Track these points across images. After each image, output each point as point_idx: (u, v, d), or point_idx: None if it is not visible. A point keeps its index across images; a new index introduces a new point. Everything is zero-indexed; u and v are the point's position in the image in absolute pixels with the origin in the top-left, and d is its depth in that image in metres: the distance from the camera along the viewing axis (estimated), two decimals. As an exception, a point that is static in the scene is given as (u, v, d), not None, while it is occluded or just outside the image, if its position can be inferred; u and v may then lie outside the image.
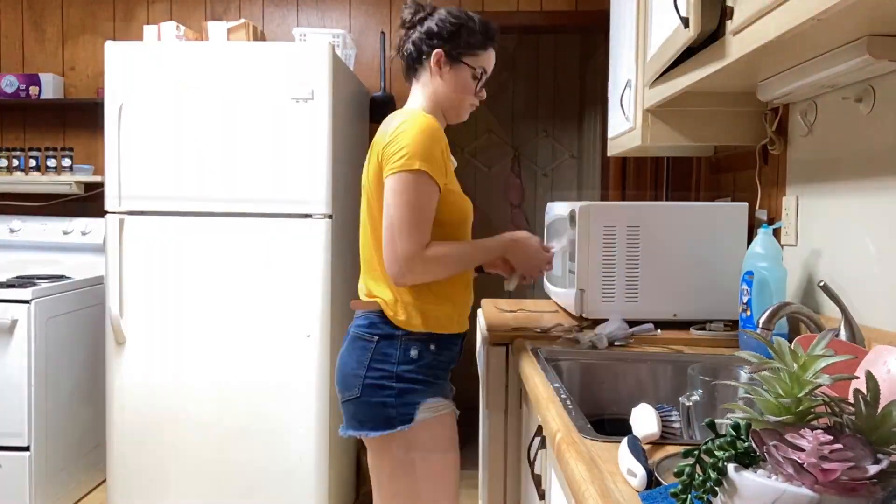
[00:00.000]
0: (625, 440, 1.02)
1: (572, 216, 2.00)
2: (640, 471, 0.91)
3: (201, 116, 2.71)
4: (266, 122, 2.69)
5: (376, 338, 1.64)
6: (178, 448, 2.76)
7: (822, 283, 1.37)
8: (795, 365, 0.67)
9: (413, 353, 1.63)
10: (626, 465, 0.95)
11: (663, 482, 0.91)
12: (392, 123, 1.64)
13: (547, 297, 2.48)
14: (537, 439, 1.46)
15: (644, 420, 1.20)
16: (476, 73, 1.74)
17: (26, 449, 2.86)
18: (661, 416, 1.22)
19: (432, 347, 1.66)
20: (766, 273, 1.66)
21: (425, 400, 1.63)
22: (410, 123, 1.60)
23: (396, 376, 1.62)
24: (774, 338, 0.71)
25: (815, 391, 0.66)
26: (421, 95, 1.74)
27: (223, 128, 2.71)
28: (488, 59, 1.77)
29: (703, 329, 1.95)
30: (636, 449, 0.97)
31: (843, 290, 1.59)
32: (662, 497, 0.87)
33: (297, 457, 2.72)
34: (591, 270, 1.97)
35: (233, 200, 2.71)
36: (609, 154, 2.48)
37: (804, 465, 0.59)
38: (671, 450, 1.07)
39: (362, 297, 1.73)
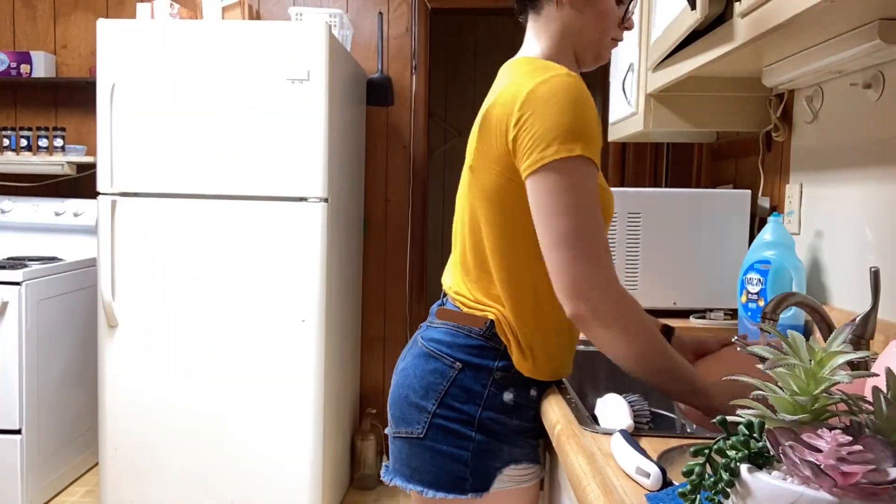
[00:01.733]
0: (617, 435, 0.99)
1: (572, 202, 1.97)
2: (654, 469, 0.88)
3: (195, 97, 2.67)
4: (261, 102, 2.65)
5: (459, 364, 1.21)
6: (170, 432, 2.74)
7: (874, 269, 1.26)
8: (812, 361, 0.64)
9: (507, 396, 1.20)
10: (632, 463, 0.91)
11: (674, 481, 0.88)
12: (517, 85, 1.15)
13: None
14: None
15: (614, 412, 1.16)
16: None
17: (18, 432, 2.84)
18: (630, 406, 1.18)
19: (533, 393, 1.23)
20: (785, 263, 1.63)
21: (510, 464, 1.21)
22: (552, 87, 1.11)
23: (479, 424, 1.19)
24: (789, 332, 0.68)
25: (832, 389, 0.63)
26: (543, 36, 1.27)
27: (217, 108, 2.66)
28: None
29: (704, 318, 1.93)
30: (635, 444, 0.94)
31: (848, 280, 1.57)
32: (670, 498, 0.84)
33: (291, 441, 2.70)
34: (591, 257, 1.94)
35: (227, 182, 2.68)
36: (610, 139, 2.45)
37: (822, 467, 0.56)
38: (663, 444, 1.05)
39: (454, 302, 1.28)
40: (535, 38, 1.28)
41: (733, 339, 1.38)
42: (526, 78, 1.15)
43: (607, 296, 1.08)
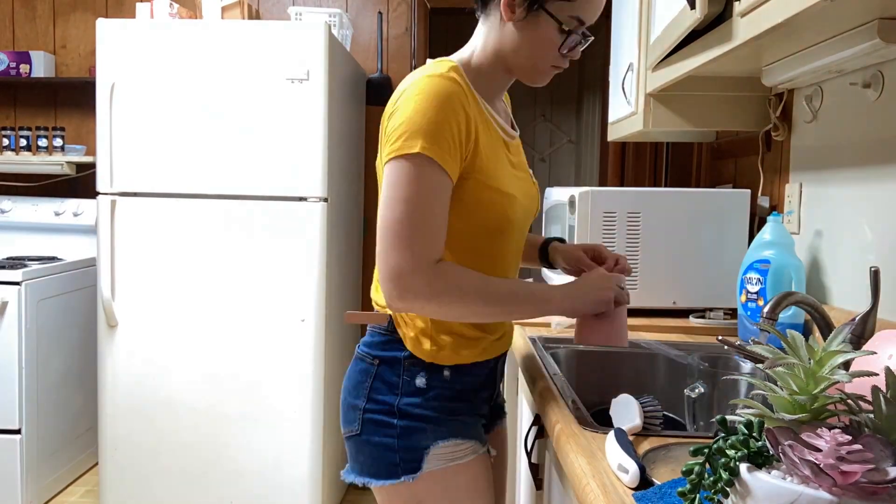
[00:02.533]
0: (611, 433, 0.99)
1: (572, 201, 1.97)
2: (632, 466, 0.88)
3: (195, 96, 2.67)
4: (261, 102, 2.65)
5: (377, 360, 1.28)
6: (170, 432, 2.74)
7: (874, 269, 1.25)
8: (811, 360, 0.64)
9: (419, 381, 1.26)
10: (615, 460, 0.92)
11: (655, 480, 0.88)
12: (401, 85, 1.22)
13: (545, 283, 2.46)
14: (535, 429, 1.44)
15: (626, 412, 1.17)
16: (564, 27, 1.21)
17: (17, 432, 2.84)
18: (643, 407, 1.19)
19: (446, 374, 1.27)
20: (784, 262, 1.63)
21: (436, 443, 1.25)
22: (418, 88, 1.16)
23: (398, 411, 1.25)
24: (788, 331, 0.68)
25: (831, 388, 0.63)
26: (481, 39, 1.28)
27: (217, 108, 2.66)
28: (587, 6, 1.22)
29: (703, 317, 1.93)
30: (624, 443, 0.95)
31: (847, 279, 1.57)
32: (658, 497, 0.84)
33: (290, 441, 2.70)
34: (591, 257, 1.94)
35: (226, 182, 2.67)
36: (609, 139, 2.45)
37: (821, 467, 0.56)
38: (656, 441, 1.05)
39: (373, 303, 1.35)
40: (475, 40, 1.30)
41: (717, 338, 1.38)
42: (411, 77, 1.21)
43: (416, 278, 1.13)
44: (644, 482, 0.87)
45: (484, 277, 1.19)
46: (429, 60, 1.31)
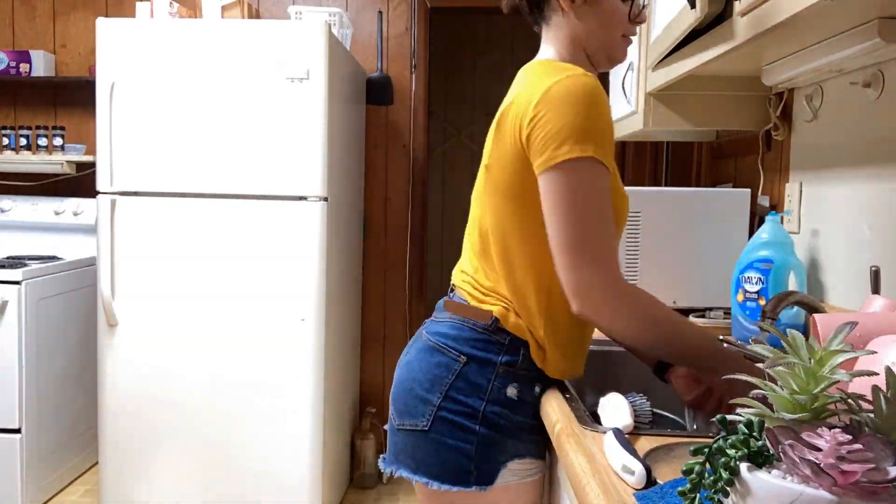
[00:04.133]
0: (610, 433, 0.99)
1: (572, 201, 1.97)
2: (638, 467, 0.88)
3: (195, 95, 2.67)
4: (261, 101, 2.65)
5: (464, 358, 1.21)
6: (170, 431, 2.74)
7: (875, 268, 1.26)
8: (811, 359, 0.64)
9: (511, 391, 1.20)
10: (619, 461, 0.92)
11: (659, 480, 0.88)
12: (535, 84, 1.15)
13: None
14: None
15: (615, 411, 1.17)
16: None
17: (17, 431, 2.84)
18: (632, 406, 1.19)
19: (537, 389, 1.24)
20: (783, 262, 1.63)
21: (514, 458, 1.21)
22: (567, 87, 1.11)
23: (483, 418, 1.19)
24: (789, 330, 0.68)
25: (832, 387, 0.63)
26: (554, 42, 1.27)
27: (217, 107, 2.66)
28: None
29: (703, 317, 1.93)
30: (625, 443, 0.95)
31: (847, 278, 1.57)
32: (658, 497, 0.84)
33: (290, 440, 2.70)
34: (591, 256, 1.94)
35: (226, 181, 2.67)
36: (609, 138, 2.44)
37: (822, 466, 0.56)
38: (657, 441, 1.05)
39: (461, 294, 1.29)
40: (548, 45, 1.29)
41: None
42: (542, 78, 1.15)
43: (608, 296, 1.11)
44: (649, 482, 0.87)
45: (658, 302, 1.16)
46: (533, 66, 1.26)
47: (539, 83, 1.15)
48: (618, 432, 0.98)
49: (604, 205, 1.11)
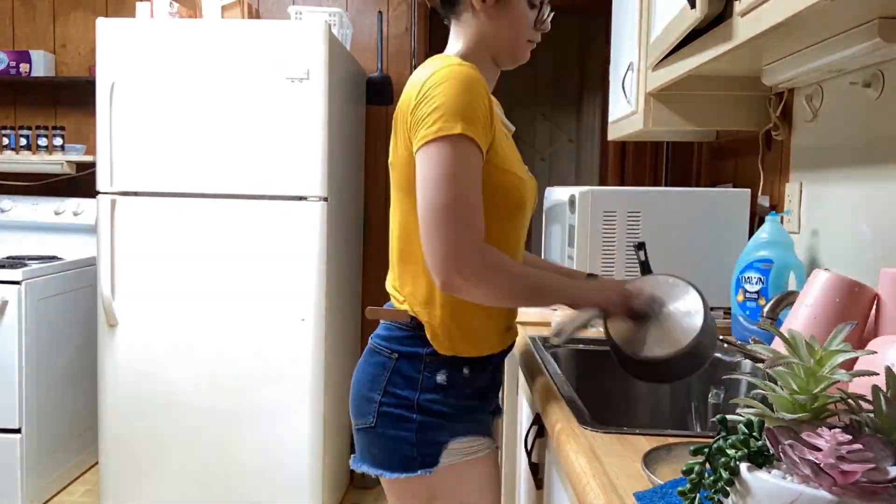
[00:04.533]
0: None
1: (572, 201, 1.97)
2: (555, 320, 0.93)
3: (195, 96, 2.67)
4: (260, 101, 2.65)
5: (396, 355, 1.30)
6: (170, 431, 2.74)
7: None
8: (811, 359, 0.64)
9: (440, 377, 1.28)
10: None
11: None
12: (418, 77, 1.23)
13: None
14: (535, 428, 1.44)
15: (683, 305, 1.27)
16: (533, 2, 1.31)
17: (17, 431, 2.84)
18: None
19: (465, 371, 1.30)
20: (785, 262, 1.63)
21: (454, 438, 1.29)
22: (443, 75, 1.19)
23: (418, 406, 1.27)
24: (789, 330, 0.68)
25: (832, 387, 0.63)
26: (461, 39, 1.33)
27: (217, 107, 2.66)
28: None
29: (703, 317, 1.93)
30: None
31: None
32: (658, 497, 0.84)
33: (290, 440, 2.70)
34: (591, 256, 1.94)
35: (226, 182, 2.67)
36: (609, 138, 2.45)
37: (821, 466, 0.56)
38: (657, 441, 1.05)
39: (391, 300, 1.36)
40: (455, 41, 1.35)
41: (719, 338, 1.42)
42: (426, 69, 1.24)
43: (471, 259, 1.15)
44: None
45: (520, 265, 1.25)
46: (423, 64, 1.33)
47: (423, 73, 1.23)
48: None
49: (467, 176, 1.16)
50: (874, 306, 1.01)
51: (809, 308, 1.03)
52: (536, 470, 1.45)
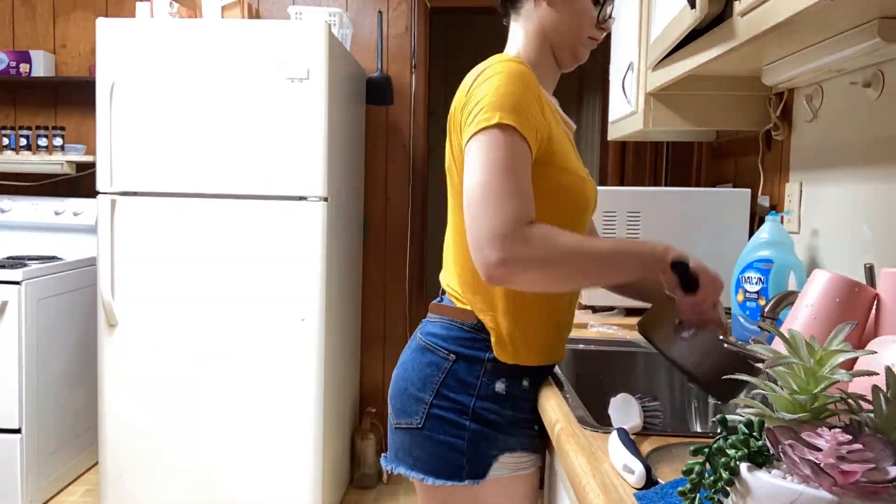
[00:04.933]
0: (614, 434, 0.99)
1: (572, 201, 1.97)
2: (638, 466, 0.88)
3: (195, 95, 2.67)
4: (261, 101, 2.65)
5: (453, 356, 1.25)
6: (170, 430, 2.74)
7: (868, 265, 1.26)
8: (812, 359, 0.64)
9: (499, 386, 1.24)
10: (620, 461, 0.92)
11: (659, 480, 0.88)
12: (469, 77, 1.22)
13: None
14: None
15: (626, 411, 1.17)
16: None
17: (17, 431, 2.84)
18: (642, 407, 1.19)
19: (525, 383, 1.27)
20: (785, 262, 1.63)
21: (505, 452, 1.24)
22: (490, 71, 1.17)
23: (473, 414, 1.22)
24: (789, 330, 0.68)
25: (832, 387, 0.63)
26: (521, 35, 1.31)
27: (217, 107, 2.66)
28: None
29: (703, 317, 1.93)
30: (628, 443, 0.95)
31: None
32: (658, 497, 0.84)
33: (290, 440, 2.70)
34: (591, 256, 1.93)
35: (227, 182, 2.67)
36: (609, 138, 2.45)
37: (822, 466, 0.56)
38: (658, 441, 1.05)
39: (448, 296, 1.31)
40: (515, 38, 1.32)
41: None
42: (477, 68, 1.21)
43: (517, 240, 1.07)
44: (649, 482, 0.87)
45: (575, 236, 1.13)
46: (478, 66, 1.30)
47: (473, 73, 1.21)
48: (622, 432, 0.98)
49: (507, 162, 1.10)
50: (874, 306, 1.01)
51: (809, 308, 1.03)
52: (536, 470, 1.44)
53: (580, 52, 1.32)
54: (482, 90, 1.15)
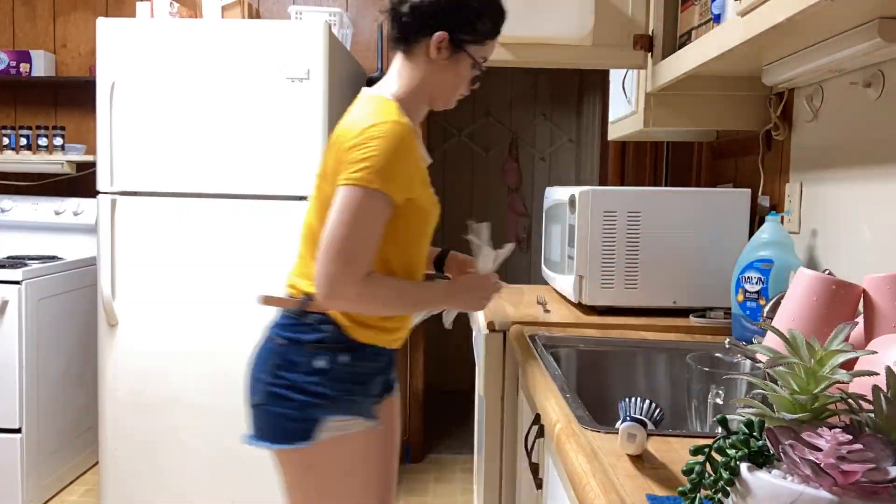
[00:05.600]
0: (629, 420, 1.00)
1: (572, 201, 1.97)
2: (640, 430, 0.92)
3: (195, 95, 2.67)
4: (261, 101, 2.65)
5: (284, 342, 1.48)
6: (170, 430, 2.74)
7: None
8: (812, 359, 0.64)
9: (319, 363, 1.46)
10: (624, 432, 0.94)
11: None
12: (362, 119, 1.41)
13: (546, 282, 2.46)
14: (535, 428, 1.44)
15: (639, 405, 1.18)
16: (477, 64, 1.51)
17: (18, 431, 2.84)
18: (651, 409, 1.19)
19: (343, 358, 1.48)
20: (785, 262, 1.63)
21: (330, 416, 1.45)
22: (382, 130, 1.37)
23: (300, 388, 1.45)
24: (789, 330, 0.68)
25: (832, 387, 0.63)
26: (407, 75, 1.50)
27: (217, 107, 2.66)
28: (491, 49, 1.54)
29: (703, 316, 1.93)
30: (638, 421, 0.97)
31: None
32: (671, 501, 0.84)
33: (290, 441, 2.70)
34: (591, 256, 1.94)
35: (227, 181, 2.67)
36: (609, 138, 2.45)
37: (822, 466, 0.56)
38: (657, 442, 1.05)
39: (286, 290, 1.57)
40: (398, 76, 1.51)
41: (725, 342, 1.44)
42: (371, 116, 1.40)
43: (345, 292, 1.39)
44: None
45: (396, 285, 1.48)
46: (364, 90, 1.54)
47: (367, 119, 1.40)
48: (635, 418, 0.99)
49: (368, 226, 1.38)
50: (870, 309, 1.01)
51: (790, 307, 1.04)
52: (536, 470, 1.45)
53: (451, 103, 1.56)
54: (371, 147, 1.36)
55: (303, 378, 1.45)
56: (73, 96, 3.57)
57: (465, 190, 4.92)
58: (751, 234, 1.95)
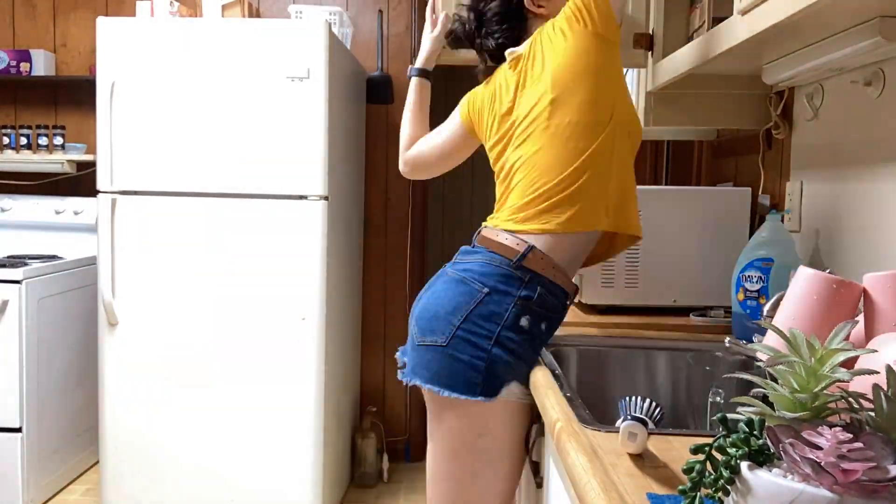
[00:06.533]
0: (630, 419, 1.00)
1: (572, 200, 1.96)
2: (640, 429, 0.91)
3: (195, 95, 2.67)
4: (261, 101, 2.65)
5: (487, 290, 1.38)
6: (170, 430, 2.74)
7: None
8: (812, 358, 0.64)
9: (524, 321, 1.38)
10: (625, 430, 0.94)
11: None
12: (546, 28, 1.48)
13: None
14: (535, 427, 1.44)
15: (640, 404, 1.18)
16: None
17: (18, 430, 2.84)
18: (651, 408, 1.20)
19: (543, 326, 1.41)
20: (786, 261, 1.63)
21: (516, 381, 1.39)
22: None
23: (497, 340, 1.36)
24: (789, 329, 0.68)
25: (832, 386, 0.63)
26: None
27: (217, 106, 2.66)
28: None
29: (704, 315, 1.93)
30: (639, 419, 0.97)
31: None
32: (669, 498, 0.84)
33: (290, 440, 2.70)
34: (591, 255, 1.93)
35: (227, 181, 2.67)
36: (609, 137, 2.44)
37: (822, 465, 0.56)
38: (657, 441, 1.05)
39: (492, 230, 1.46)
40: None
41: (726, 342, 1.45)
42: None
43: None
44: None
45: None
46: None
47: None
48: (636, 417, 0.99)
49: None
50: (870, 308, 1.01)
51: (790, 305, 1.03)
52: (536, 469, 1.44)
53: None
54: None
55: (504, 332, 1.37)
56: (73, 96, 3.57)
57: (466, 190, 4.91)
58: (751, 232, 1.95)
